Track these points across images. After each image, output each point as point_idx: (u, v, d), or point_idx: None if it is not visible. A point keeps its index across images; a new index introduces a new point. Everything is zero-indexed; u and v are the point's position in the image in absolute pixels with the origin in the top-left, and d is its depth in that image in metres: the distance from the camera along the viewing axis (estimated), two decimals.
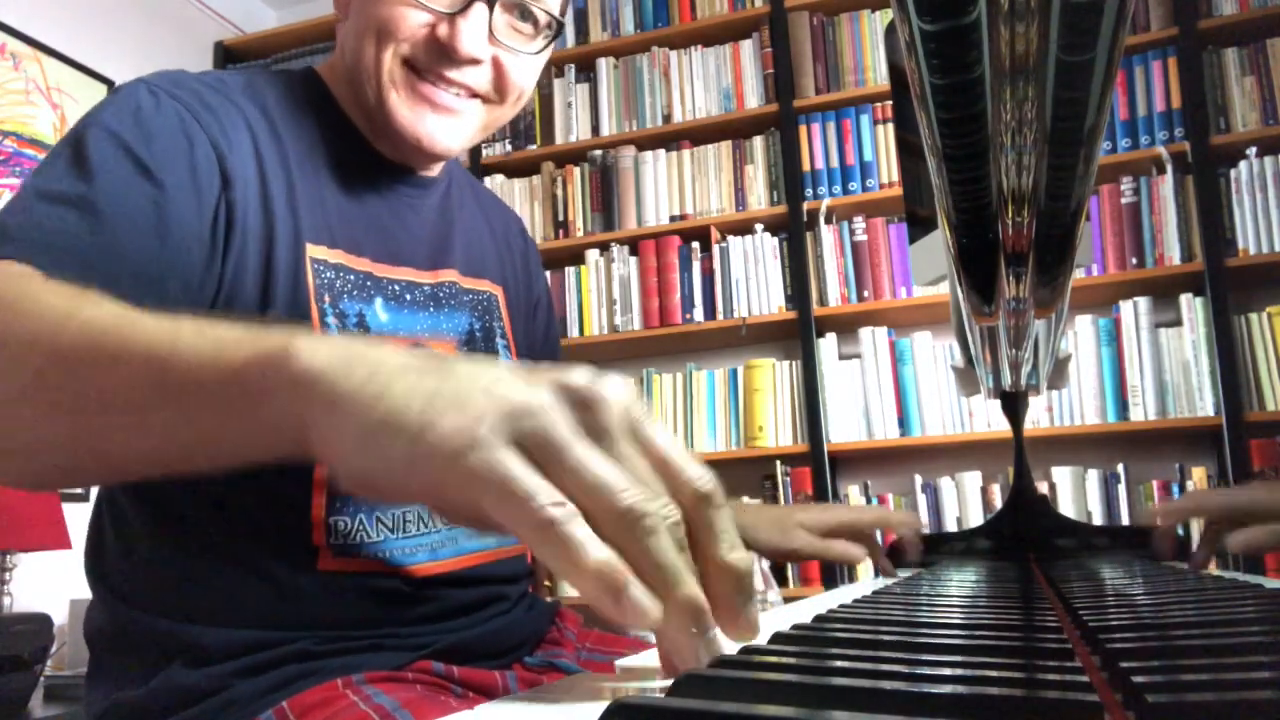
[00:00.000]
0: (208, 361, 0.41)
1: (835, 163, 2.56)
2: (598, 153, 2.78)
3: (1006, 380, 0.83)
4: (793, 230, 2.54)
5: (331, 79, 0.81)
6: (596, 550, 0.32)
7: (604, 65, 2.81)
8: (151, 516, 0.69)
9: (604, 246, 2.72)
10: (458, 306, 0.83)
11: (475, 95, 0.77)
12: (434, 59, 0.74)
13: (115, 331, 0.46)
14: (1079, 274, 2.23)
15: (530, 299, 0.97)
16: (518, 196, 2.83)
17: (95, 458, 0.48)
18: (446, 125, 0.76)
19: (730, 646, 0.35)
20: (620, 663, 0.39)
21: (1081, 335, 2.34)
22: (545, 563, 0.34)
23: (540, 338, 0.99)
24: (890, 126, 2.51)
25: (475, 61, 0.75)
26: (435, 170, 0.85)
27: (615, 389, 0.36)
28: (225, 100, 0.72)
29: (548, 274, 2.33)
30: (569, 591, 2.30)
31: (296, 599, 0.67)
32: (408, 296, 0.78)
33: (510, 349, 0.88)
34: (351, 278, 0.74)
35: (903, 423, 2.43)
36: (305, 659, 0.65)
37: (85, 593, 0.72)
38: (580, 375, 0.36)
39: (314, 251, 0.72)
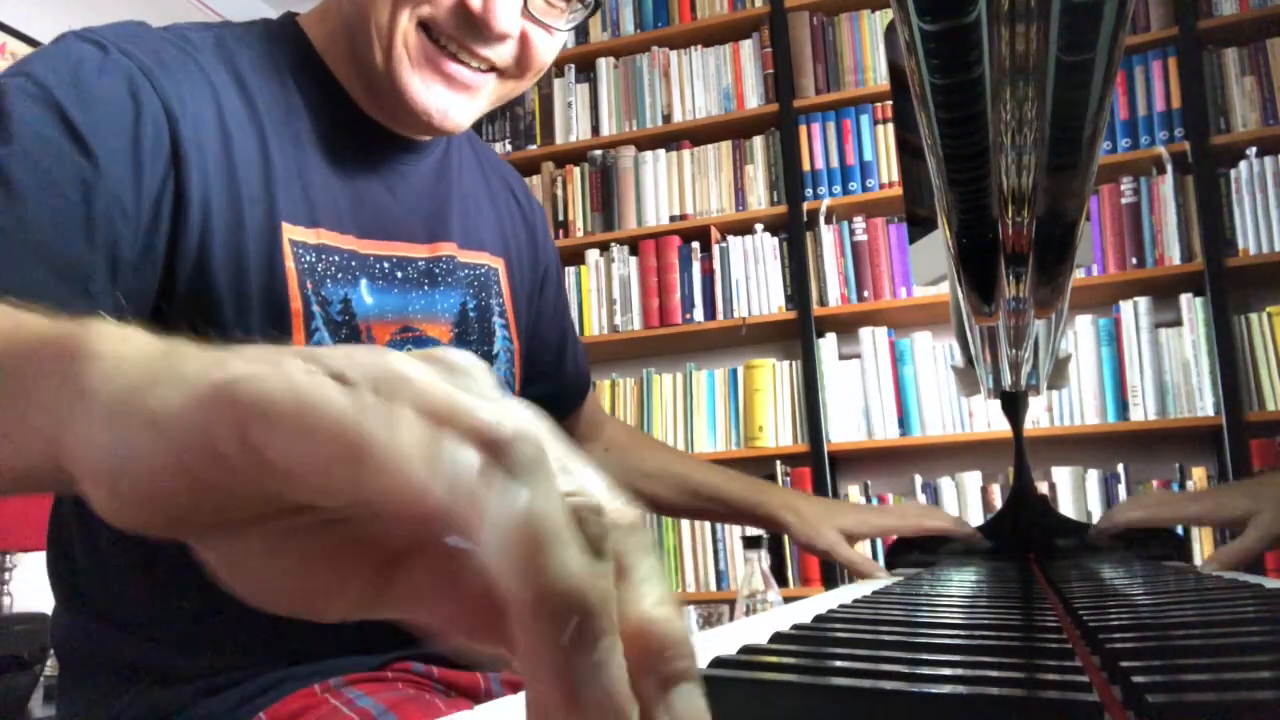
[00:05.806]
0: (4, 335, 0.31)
1: (835, 163, 2.55)
2: (598, 153, 2.78)
3: (1006, 380, 0.83)
4: (793, 230, 2.54)
5: (317, 30, 0.72)
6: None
7: (604, 65, 2.81)
8: (122, 534, 0.64)
9: (604, 246, 2.72)
10: (453, 284, 0.76)
11: (494, 69, 0.71)
12: (460, 29, 0.67)
13: None
14: (1079, 274, 2.23)
15: (537, 269, 0.89)
16: None
17: None
18: (460, 102, 0.69)
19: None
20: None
21: (1081, 335, 2.34)
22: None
23: (549, 310, 0.91)
24: (890, 126, 2.51)
25: (505, 37, 0.68)
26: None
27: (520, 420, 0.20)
28: (189, 60, 0.64)
29: None
30: None
31: (275, 628, 0.62)
32: (399, 274, 0.72)
33: (510, 327, 0.81)
34: (335, 259, 0.68)
35: (903, 423, 2.43)
36: (275, 668, 0.63)
37: None
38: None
39: (292, 233, 0.65)
